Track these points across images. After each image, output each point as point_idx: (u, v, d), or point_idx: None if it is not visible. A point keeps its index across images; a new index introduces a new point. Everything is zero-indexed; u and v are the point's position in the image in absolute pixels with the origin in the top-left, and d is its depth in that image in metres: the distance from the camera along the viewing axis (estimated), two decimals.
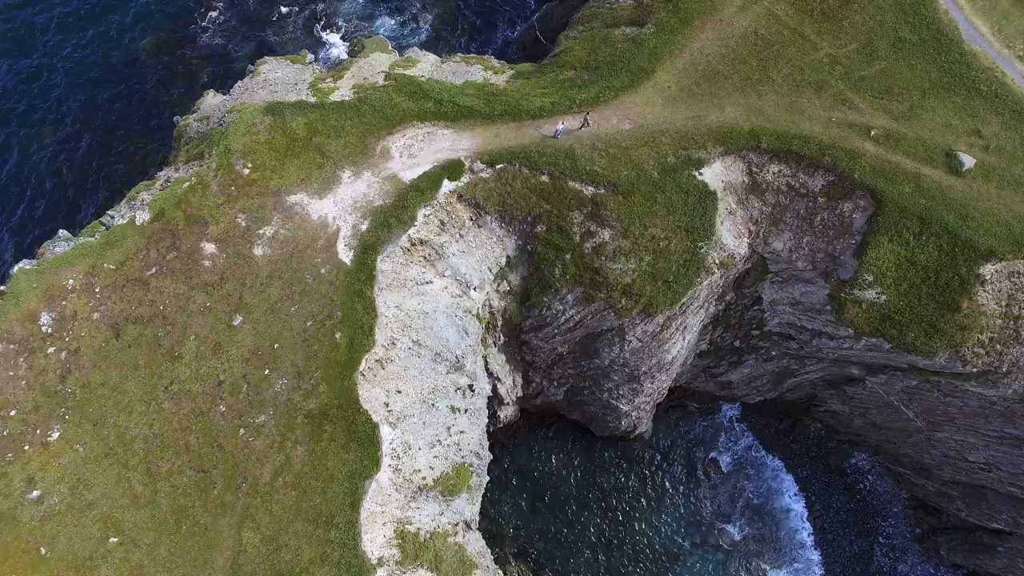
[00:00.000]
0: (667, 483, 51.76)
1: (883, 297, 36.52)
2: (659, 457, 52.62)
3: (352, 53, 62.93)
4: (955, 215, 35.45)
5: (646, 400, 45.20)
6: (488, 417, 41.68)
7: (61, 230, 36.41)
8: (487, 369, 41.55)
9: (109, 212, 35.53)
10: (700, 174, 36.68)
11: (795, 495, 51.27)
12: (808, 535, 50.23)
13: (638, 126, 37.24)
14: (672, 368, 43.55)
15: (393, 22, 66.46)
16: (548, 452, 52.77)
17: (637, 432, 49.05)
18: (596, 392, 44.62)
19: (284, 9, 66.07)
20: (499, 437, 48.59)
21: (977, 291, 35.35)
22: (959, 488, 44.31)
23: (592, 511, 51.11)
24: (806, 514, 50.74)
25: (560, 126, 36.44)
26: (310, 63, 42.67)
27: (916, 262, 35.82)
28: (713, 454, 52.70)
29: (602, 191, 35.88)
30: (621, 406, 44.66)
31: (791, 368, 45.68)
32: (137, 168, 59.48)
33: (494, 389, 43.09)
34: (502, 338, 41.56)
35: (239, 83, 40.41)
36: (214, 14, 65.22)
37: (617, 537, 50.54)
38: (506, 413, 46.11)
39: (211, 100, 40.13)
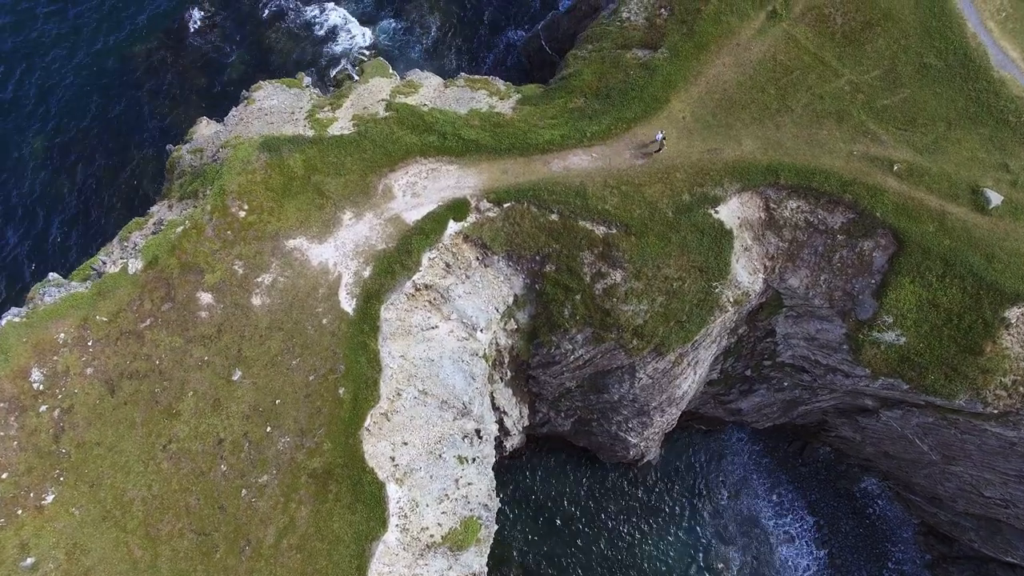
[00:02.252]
0: (673, 506, 51.20)
1: (903, 339, 35.39)
2: (665, 479, 51.99)
3: (352, 62, 61.04)
4: (980, 256, 34.13)
5: (656, 432, 44.34)
6: (494, 448, 40.83)
7: (52, 273, 34.95)
8: (493, 404, 40.57)
9: (101, 256, 34.11)
10: (716, 212, 35.24)
11: (804, 519, 50.78)
12: (816, 559, 49.86)
13: (651, 161, 35.65)
14: (683, 402, 42.61)
15: (394, 25, 64.04)
16: (553, 474, 52.12)
17: (645, 460, 48.30)
18: (604, 424, 43.73)
19: (275, 5, 63.59)
20: (504, 461, 47.92)
21: (1001, 335, 34.21)
22: (973, 520, 43.73)
23: (597, 533, 50.62)
24: (815, 538, 50.32)
25: (660, 135, 35.11)
26: (307, 87, 40.82)
27: (938, 304, 34.60)
28: (720, 476, 52.07)
29: (614, 231, 34.47)
30: (630, 438, 43.81)
31: (803, 397, 44.74)
32: (129, 182, 57.87)
33: (500, 422, 42.15)
34: (509, 373, 40.48)
35: (233, 111, 38.59)
36: (207, 16, 62.76)
37: (622, 560, 50.12)
38: (512, 443, 45.25)
39: (204, 130, 38.38)
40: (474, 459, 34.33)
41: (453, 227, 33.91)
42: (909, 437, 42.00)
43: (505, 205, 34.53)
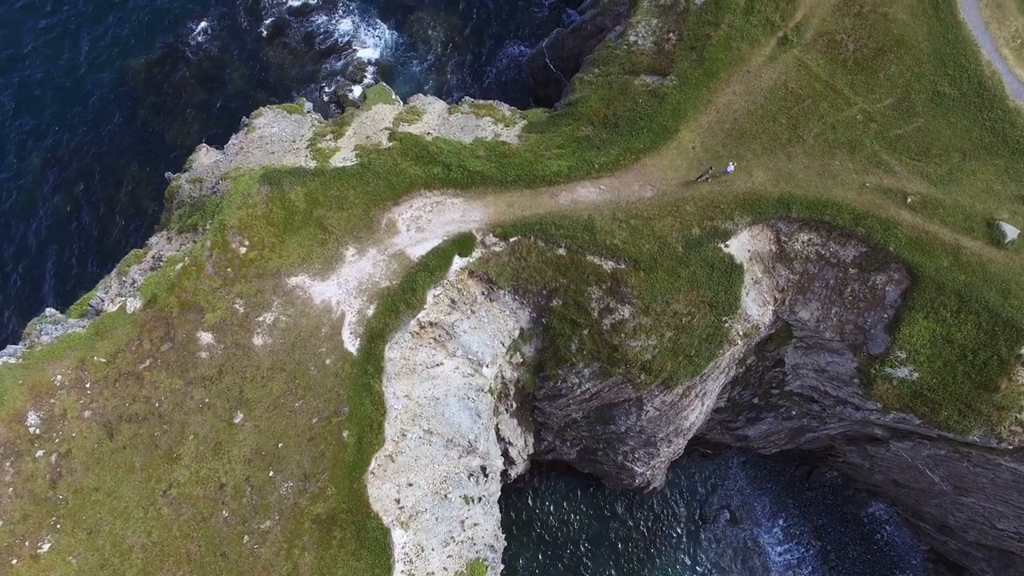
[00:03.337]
0: (678, 531, 50.67)
1: (915, 375, 34.77)
2: (670, 504, 51.45)
3: (353, 77, 60.13)
4: (996, 292, 33.50)
5: (662, 461, 43.77)
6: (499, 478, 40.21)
7: (48, 308, 34.32)
8: (498, 434, 39.97)
9: (99, 292, 33.41)
10: (726, 246, 34.56)
11: (810, 543, 50.27)
12: None
13: (661, 193, 34.97)
14: (690, 432, 42.04)
15: (396, 38, 63.12)
16: (557, 499, 51.56)
17: (651, 487, 47.73)
18: (610, 454, 43.14)
19: (275, 19, 62.64)
20: (509, 485, 47.36)
21: (1017, 371, 33.60)
22: (985, 550, 43.23)
23: (602, 558, 50.08)
24: (822, 563, 49.81)
25: (731, 166, 34.54)
26: (308, 112, 40.06)
27: (953, 340, 33.98)
28: (725, 501, 51.54)
29: (622, 266, 33.78)
30: (636, 468, 43.23)
31: (811, 425, 44.16)
32: (129, 198, 57.02)
33: (505, 452, 41.57)
34: (514, 405, 39.85)
35: (233, 139, 37.84)
36: (207, 30, 61.83)
37: None
38: (516, 471, 44.64)
39: (204, 158, 37.61)
40: (480, 498, 33.73)
41: (458, 263, 33.22)
42: (919, 468, 41.45)
43: (511, 239, 33.84)
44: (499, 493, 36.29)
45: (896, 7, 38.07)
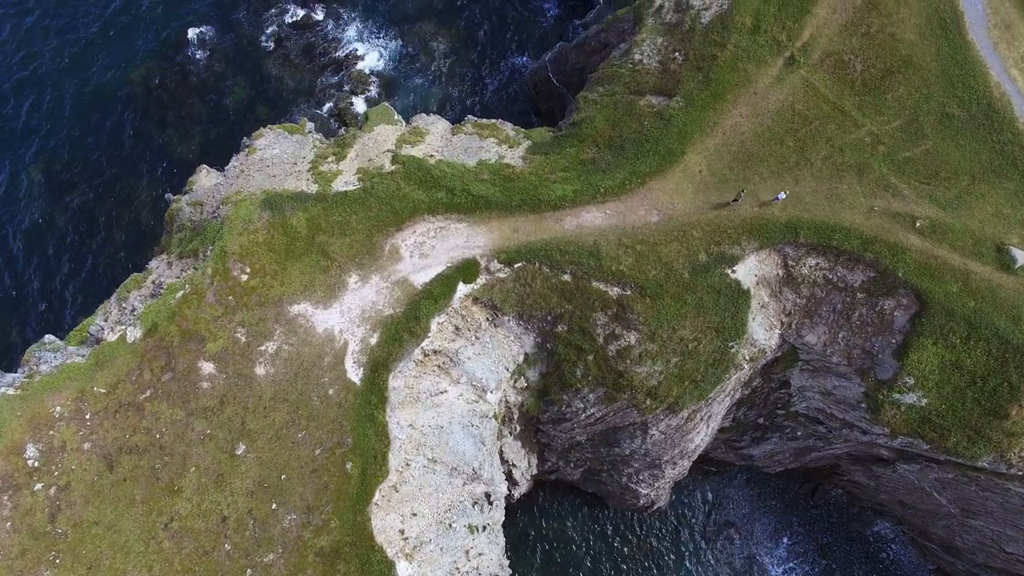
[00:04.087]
0: (681, 548, 50.29)
1: (924, 400, 34.41)
2: (675, 520, 51.09)
3: (355, 89, 59.68)
4: (1006, 318, 33.13)
5: (667, 482, 43.42)
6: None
7: (47, 335, 33.89)
8: (502, 457, 39.63)
9: (98, 319, 33.00)
10: (733, 271, 34.19)
11: (815, 562, 49.91)
12: None
13: (667, 218, 34.58)
14: (695, 454, 41.69)
15: (398, 48, 62.64)
16: (560, 517, 51.22)
17: (655, 507, 47.39)
18: (615, 475, 42.79)
19: (276, 31, 62.18)
20: (512, 504, 47.01)
21: None
22: (993, 572, 42.89)
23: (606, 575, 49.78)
24: None
25: (781, 195, 34.24)
26: (309, 132, 39.58)
27: (962, 367, 33.61)
28: (729, 518, 51.19)
29: (628, 292, 33.40)
30: (640, 489, 42.89)
31: (816, 445, 43.81)
32: (128, 213, 56.58)
33: (508, 474, 41.23)
34: (518, 428, 39.51)
35: (234, 161, 37.39)
36: (207, 42, 61.37)
37: None
38: (520, 492, 44.30)
39: (204, 180, 37.18)
40: (484, 527, 33.39)
41: (463, 289, 32.83)
42: (926, 489, 41.10)
43: (516, 265, 33.45)
44: (503, 518, 35.90)
45: (904, 27, 37.67)
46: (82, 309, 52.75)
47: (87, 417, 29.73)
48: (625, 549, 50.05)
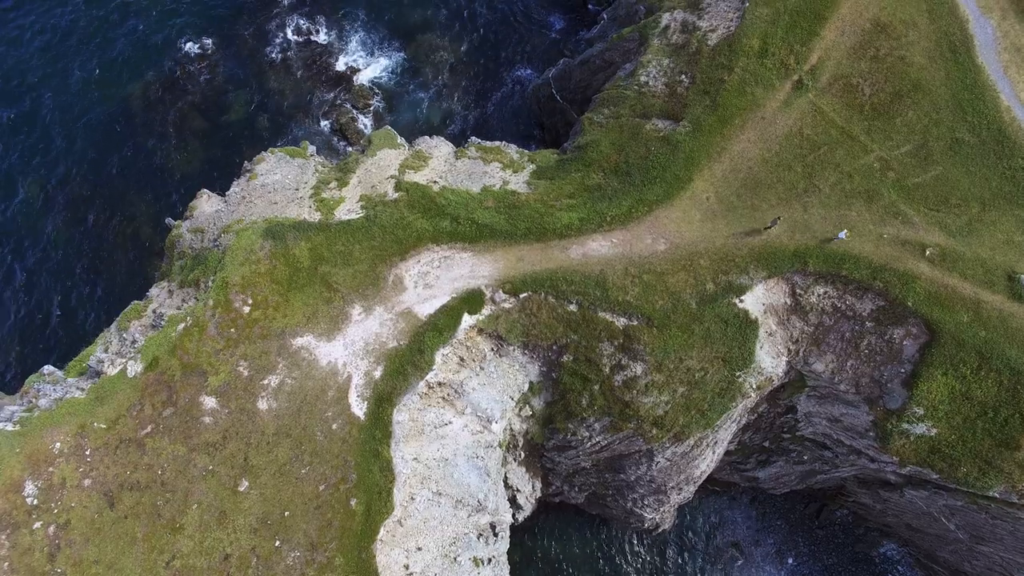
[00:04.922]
0: (686, 569, 49.97)
1: (934, 431, 34.03)
2: (677, 541, 50.76)
3: (357, 104, 59.18)
4: (1018, 349, 32.72)
5: (672, 507, 43.05)
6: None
7: (47, 366, 33.47)
8: (506, 483, 39.25)
9: (98, 350, 32.57)
10: (741, 301, 33.80)
11: None
12: None
13: (674, 247, 34.17)
14: (701, 479, 41.32)
15: (400, 60, 62.07)
16: (565, 536, 50.89)
17: (660, 529, 47.04)
18: (620, 500, 42.43)
19: (278, 44, 61.68)
20: (516, 526, 46.70)
21: None
22: None
23: None
24: None
25: (843, 234, 33.69)
26: (311, 155, 39.15)
27: (972, 397, 33.23)
28: (734, 538, 50.84)
29: (635, 323, 33.01)
30: (645, 514, 42.53)
31: (822, 468, 43.45)
32: (127, 229, 56.10)
33: (512, 499, 40.87)
34: (522, 455, 39.14)
35: (235, 186, 36.97)
36: (207, 54, 60.85)
37: None
38: (524, 515, 43.93)
39: (205, 206, 36.75)
40: (490, 559, 33.04)
41: (468, 321, 32.44)
42: (935, 515, 40.73)
43: (522, 296, 33.05)
44: (508, 546, 35.55)
45: (913, 50, 37.22)
46: (80, 329, 52.38)
47: (87, 453, 29.35)
48: (628, 570, 49.73)
